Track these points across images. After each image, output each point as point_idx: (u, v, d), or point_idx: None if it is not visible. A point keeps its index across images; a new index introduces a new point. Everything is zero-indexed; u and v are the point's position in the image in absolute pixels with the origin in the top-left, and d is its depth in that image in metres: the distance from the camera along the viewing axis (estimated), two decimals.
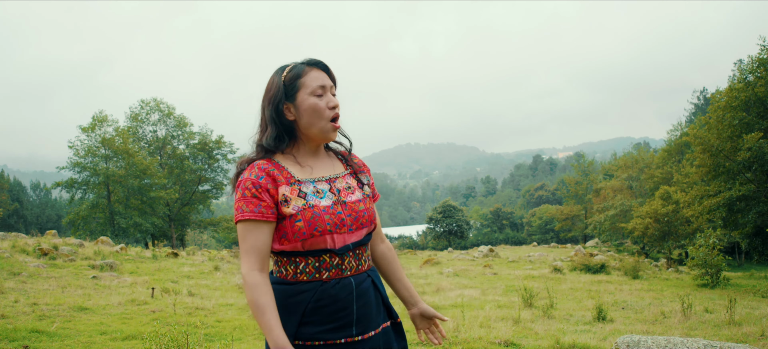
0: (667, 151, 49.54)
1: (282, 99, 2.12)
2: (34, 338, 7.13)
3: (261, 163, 2.10)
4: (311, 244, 2.03)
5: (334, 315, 2.05)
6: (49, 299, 10.39)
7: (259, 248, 2.02)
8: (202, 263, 20.95)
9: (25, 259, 15.93)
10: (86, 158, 39.09)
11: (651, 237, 36.13)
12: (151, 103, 45.44)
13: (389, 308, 2.25)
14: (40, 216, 63.72)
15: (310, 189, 2.09)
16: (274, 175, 2.07)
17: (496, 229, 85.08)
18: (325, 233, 2.03)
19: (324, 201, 2.08)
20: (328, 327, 2.05)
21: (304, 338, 2.04)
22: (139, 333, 7.63)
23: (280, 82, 2.14)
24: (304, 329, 2.04)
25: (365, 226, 2.15)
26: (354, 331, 2.07)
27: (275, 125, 2.14)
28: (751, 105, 24.45)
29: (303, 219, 2.02)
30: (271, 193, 2.04)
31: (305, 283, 2.06)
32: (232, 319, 9.02)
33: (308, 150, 2.19)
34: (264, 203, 2.02)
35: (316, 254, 2.06)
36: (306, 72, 2.13)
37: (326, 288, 2.05)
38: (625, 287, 16.26)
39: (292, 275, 2.08)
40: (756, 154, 22.72)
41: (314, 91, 2.10)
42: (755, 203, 24.48)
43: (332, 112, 2.12)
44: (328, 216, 2.05)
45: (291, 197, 2.05)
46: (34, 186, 74.46)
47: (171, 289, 12.86)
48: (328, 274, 2.07)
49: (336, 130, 2.14)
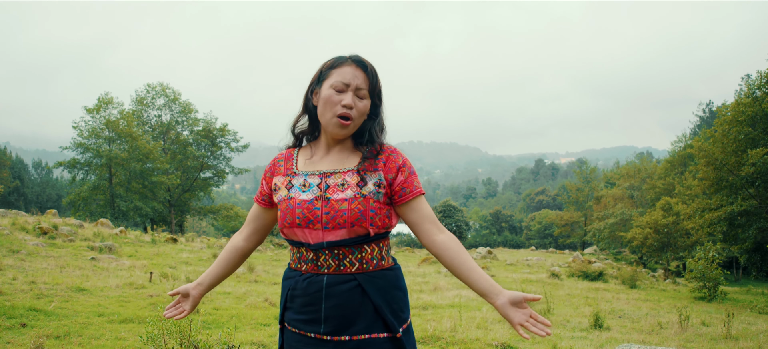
0: (670, 162, 49.50)
1: (314, 84, 2.18)
2: (32, 317, 7.14)
3: (283, 151, 2.30)
4: (288, 234, 2.12)
5: (304, 308, 2.09)
6: (48, 278, 10.40)
7: (248, 220, 2.37)
8: (201, 249, 20.95)
9: (25, 237, 15.95)
10: (90, 139, 39.07)
11: (650, 247, 36.07)
12: (157, 88, 45.43)
13: (385, 319, 2.07)
14: (40, 195, 63.73)
15: (299, 181, 2.13)
16: (277, 165, 2.26)
17: (494, 231, 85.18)
18: (294, 225, 2.07)
19: (305, 195, 2.08)
20: (301, 318, 2.10)
21: (287, 321, 2.17)
22: (136, 317, 7.64)
23: (320, 68, 2.18)
24: (287, 313, 2.17)
25: (344, 226, 2.03)
26: (322, 329, 2.04)
27: (304, 108, 2.24)
28: (758, 121, 24.41)
29: (281, 209, 2.13)
30: (267, 180, 2.27)
31: (291, 270, 2.19)
32: (229, 307, 9.02)
33: (326, 141, 2.20)
34: (261, 188, 2.28)
35: (297, 245, 2.13)
36: (342, 64, 2.12)
37: (300, 280, 2.11)
38: (622, 296, 16.24)
39: (289, 260, 2.22)
40: (760, 170, 22.69)
41: (335, 85, 2.08)
42: (756, 218, 24.46)
43: (342, 110, 2.07)
44: (300, 210, 2.05)
45: (280, 187, 2.18)
46: (36, 164, 74.52)
47: (169, 274, 12.87)
48: (305, 266, 2.11)
49: (342, 127, 2.09)
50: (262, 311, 8.85)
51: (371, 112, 2.18)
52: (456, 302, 12.17)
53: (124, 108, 41.18)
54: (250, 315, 8.30)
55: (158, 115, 46.26)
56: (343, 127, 2.09)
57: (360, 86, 2.10)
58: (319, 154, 2.19)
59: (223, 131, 45.51)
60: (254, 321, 7.88)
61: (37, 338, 5.56)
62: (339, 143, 2.19)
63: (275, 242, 32.74)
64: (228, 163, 47.56)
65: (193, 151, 44.91)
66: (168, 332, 3.69)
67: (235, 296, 10.65)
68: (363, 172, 2.10)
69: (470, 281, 2.06)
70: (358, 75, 2.10)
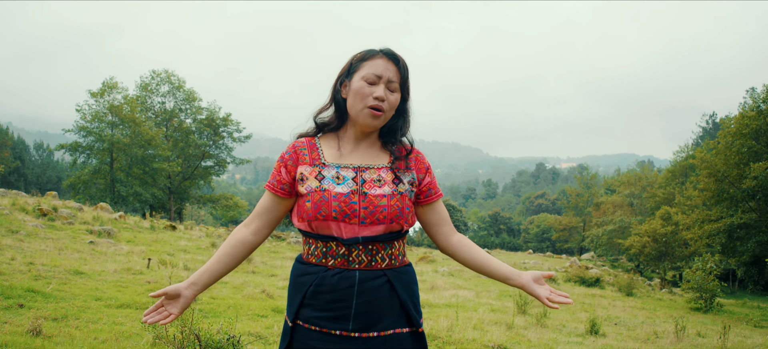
0: (671, 171, 49.52)
1: (344, 75, 2.16)
2: (30, 298, 7.14)
3: (301, 140, 2.20)
4: (317, 227, 2.05)
5: (331, 305, 2.03)
6: (46, 260, 10.41)
7: (257, 210, 2.19)
8: (200, 238, 20.97)
9: (24, 218, 15.96)
10: (93, 123, 39.03)
11: (647, 256, 36.09)
12: (162, 75, 45.37)
13: (409, 314, 2.12)
14: (40, 176, 63.73)
15: (331, 173, 2.08)
16: (301, 154, 2.14)
17: (492, 233, 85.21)
18: (330, 219, 2.01)
19: (340, 188, 2.05)
20: (325, 315, 2.03)
21: (303, 320, 2.07)
22: (133, 302, 7.64)
23: (350, 60, 2.17)
24: (304, 310, 2.07)
25: (383, 222, 2.05)
26: (351, 326, 2.02)
27: (330, 100, 2.21)
28: (761, 134, 24.42)
29: (312, 201, 2.03)
30: (289, 169, 2.12)
31: (312, 265, 2.09)
32: (226, 297, 9.03)
33: (354, 134, 2.18)
34: (279, 177, 2.13)
35: (324, 239, 2.05)
36: (373, 57, 2.12)
37: (327, 276, 2.04)
38: (618, 303, 16.26)
39: (305, 255, 2.12)
40: (762, 183, 22.71)
41: (367, 77, 2.08)
42: (756, 232, 24.48)
43: (374, 101, 2.08)
44: (337, 203, 2.02)
45: (308, 177, 2.08)
46: (38, 146, 74.50)
47: (168, 261, 12.88)
48: (333, 261, 2.04)
49: (374, 117, 2.09)
50: (260, 302, 8.86)
51: (399, 107, 2.19)
52: (453, 302, 12.18)
53: (128, 93, 41.14)
54: (248, 306, 8.30)
55: (162, 102, 46.24)
56: (374, 118, 2.09)
57: (392, 79, 2.11)
58: (347, 147, 2.17)
59: (226, 121, 45.45)
60: (252, 312, 7.89)
61: (35, 319, 5.56)
62: (367, 137, 2.19)
63: (273, 234, 32.73)
64: (229, 153, 47.49)
65: (195, 140, 44.83)
66: None
67: (232, 287, 10.66)
68: (397, 170, 2.15)
69: (491, 269, 2.21)
70: (389, 68, 2.11)
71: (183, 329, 3.60)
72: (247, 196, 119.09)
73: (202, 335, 3.69)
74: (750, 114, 24.73)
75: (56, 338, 5.41)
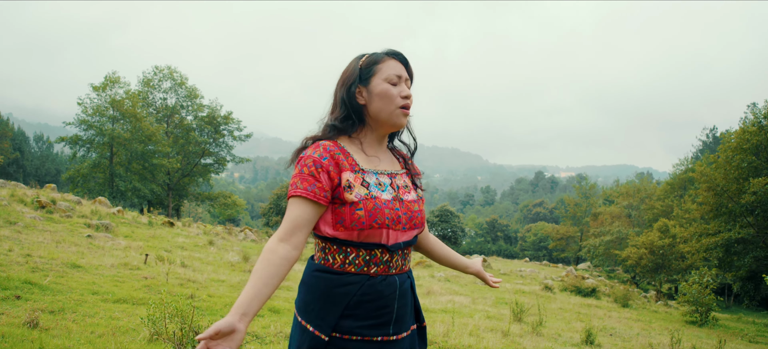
0: (670, 184, 49.52)
1: (356, 82, 2.14)
2: (27, 290, 7.15)
3: (327, 144, 2.07)
4: (366, 235, 2.00)
5: (376, 312, 2.03)
6: (43, 252, 10.41)
7: (296, 222, 1.98)
8: (197, 235, 20.97)
9: (23, 209, 15.96)
10: (94, 117, 39.01)
11: (644, 268, 36.07)
12: (165, 71, 45.31)
13: (419, 311, 2.24)
14: (39, 168, 63.66)
15: (373, 180, 2.08)
16: (339, 159, 2.04)
17: (489, 239, 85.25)
18: (383, 226, 2.00)
19: (385, 194, 2.06)
20: (369, 323, 2.02)
21: (343, 331, 2.00)
22: (130, 298, 7.64)
23: (356, 66, 2.16)
24: (344, 321, 2.01)
25: (417, 227, 2.14)
26: (391, 330, 2.06)
27: (344, 106, 2.15)
28: (762, 149, 24.46)
29: (364, 209, 1.99)
30: (331, 175, 2.01)
31: (352, 275, 2.02)
32: (223, 295, 9.03)
33: (374, 139, 2.19)
34: (319, 184, 1.99)
35: (369, 247, 2.02)
36: (384, 60, 2.14)
37: (374, 283, 2.03)
38: (613, 314, 16.26)
39: (339, 265, 2.04)
40: (761, 199, 22.73)
41: (389, 79, 2.11)
42: (753, 247, 24.49)
43: (403, 101, 2.12)
44: (388, 210, 2.03)
45: (355, 184, 2.02)
46: (37, 138, 74.38)
47: (165, 258, 12.88)
48: (376, 269, 2.04)
49: (406, 116, 2.13)
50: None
51: None
52: (449, 307, 12.18)
53: (130, 88, 41.13)
54: None
55: (164, 98, 46.19)
56: (405, 117, 2.14)
57: (408, 78, 2.18)
58: (372, 153, 2.17)
59: (227, 119, 45.40)
60: None
61: (32, 311, 5.56)
62: (383, 142, 2.23)
63: (270, 233, 32.73)
64: (229, 151, 47.42)
65: (195, 137, 44.77)
66: (170, 315, 3.69)
67: (229, 285, 10.66)
68: (412, 174, 2.26)
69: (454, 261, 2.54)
70: (401, 67, 2.16)
71: (182, 326, 3.60)
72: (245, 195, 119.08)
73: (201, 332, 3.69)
74: (751, 129, 24.76)
75: (53, 330, 5.41)
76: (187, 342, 3.57)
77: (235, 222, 63.25)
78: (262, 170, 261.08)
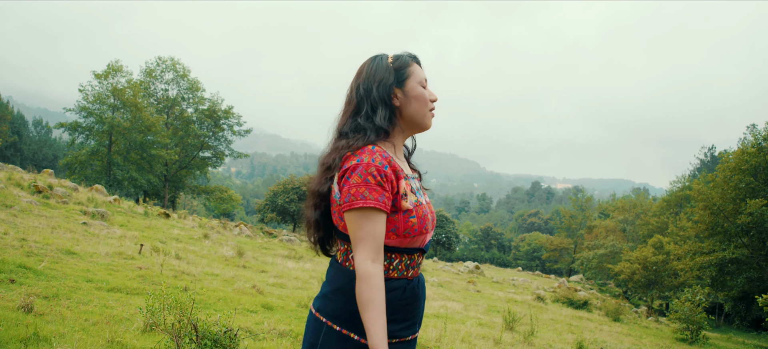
0: (666, 201, 49.61)
1: (393, 83, 2.12)
2: (21, 274, 7.15)
3: (379, 149, 2.02)
4: (411, 241, 2.01)
5: (412, 313, 2.08)
6: (38, 237, 10.41)
7: (376, 237, 1.92)
8: (193, 228, 20.95)
9: (19, 193, 15.95)
10: (94, 105, 38.96)
11: (636, 283, 36.10)
12: (168, 62, 45.24)
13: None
14: (37, 153, 63.54)
15: (416, 185, 2.11)
16: (396, 166, 2.01)
17: (483, 247, 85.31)
18: (427, 231, 2.04)
19: (424, 199, 2.10)
20: (406, 324, 2.06)
21: (390, 335, 2.01)
22: (124, 287, 7.65)
23: (388, 66, 2.13)
24: (390, 326, 2.01)
25: (434, 228, 2.16)
26: (417, 327, 2.13)
27: (385, 107, 2.10)
28: (760, 171, 24.53)
29: (417, 216, 2.00)
30: (393, 185, 1.98)
31: (395, 280, 2.02)
32: (216, 289, 9.03)
33: (400, 142, 2.19)
34: (387, 194, 1.95)
35: (410, 252, 2.04)
36: (411, 64, 2.16)
37: (412, 286, 2.07)
38: (605, 328, 16.29)
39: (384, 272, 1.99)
40: (757, 220, 22.79)
41: (421, 82, 2.15)
42: (746, 268, 24.55)
43: (433, 104, 2.18)
44: (431, 215, 2.08)
45: (408, 192, 2.01)
46: (37, 122, 74.28)
47: (160, 249, 12.88)
48: (412, 272, 2.08)
49: (432, 118, 2.19)
50: (250, 297, 8.87)
51: None
52: (442, 312, 12.20)
53: (132, 78, 41.07)
54: (238, 300, 8.31)
55: (165, 89, 46.12)
56: (432, 118, 2.20)
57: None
58: (400, 157, 2.18)
59: (227, 113, 45.34)
60: (241, 307, 7.90)
61: (26, 296, 5.57)
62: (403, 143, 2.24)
63: (265, 230, 32.73)
64: (228, 146, 47.39)
65: (195, 130, 44.73)
66: (168, 307, 3.70)
67: (223, 279, 10.66)
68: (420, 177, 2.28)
69: None
70: (424, 72, 2.20)
71: (181, 318, 3.62)
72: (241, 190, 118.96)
73: (199, 326, 3.71)
74: (750, 150, 24.83)
75: (47, 316, 5.42)
76: (184, 335, 3.58)
77: (230, 217, 63.20)
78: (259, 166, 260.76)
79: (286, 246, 24.44)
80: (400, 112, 2.14)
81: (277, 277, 12.88)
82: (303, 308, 8.80)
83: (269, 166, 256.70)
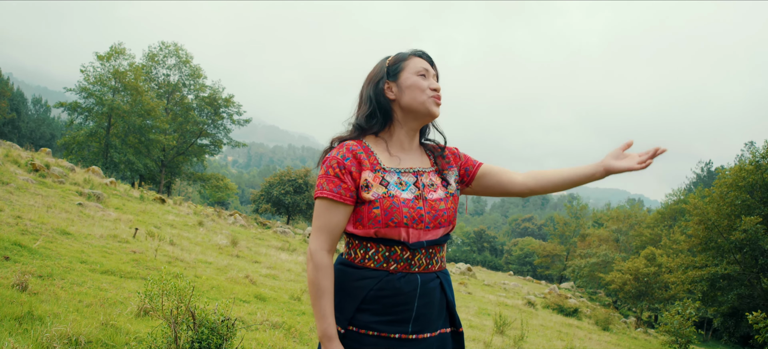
0: (661, 213, 49.74)
1: (384, 77, 2.17)
2: (16, 251, 7.15)
3: (351, 143, 2.11)
4: (385, 233, 2.02)
5: (394, 308, 2.04)
6: (34, 216, 10.40)
7: (331, 228, 2.04)
8: (187, 215, 20.95)
9: (16, 171, 15.93)
10: (95, 86, 38.94)
11: (627, 293, 36.17)
12: (171, 47, 45.27)
13: (453, 314, 2.22)
14: (34, 131, 63.39)
15: (394, 179, 2.09)
16: (361, 158, 2.07)
17: (475, 249, 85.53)
18: (401, 225, 2.01)
19: (405, 194, 2.07)
20: (385, 319, 2.04)
21: (358, 325, 2.05)
22: (118, 270, 7.65)
23: (383, 64, 2.19)
24: (360, 315, 2.05)
25: (443, 226, 2.12)
26: (410, 328, 2.05)
27: (370, 103, 2.17)
28: (757, 189, 24.60)
29: (381, 207, 2.01)
30: (354, 175, 2.05)
31: (371, 270, 2.05)
32: (210, 277, 9.04)
33: (402, 136, 2.19)
34: (344, 185, 2.03)
35: (388, 244, 2.04)
36: (410, 58, 2.18)
37: (392, 279, 2.04)
38: (594, 336, 16.34)
39: (359, 260, 2.08)
40: (751, 237, 22.87)
41: (418, 72, 2.14)
42: (738, 284, 24.65)
43: (433, 93, 2.14)
44: (407, 209, 2.03)
45: (372, 184, 2.05)
46: (36, 101, 74.01)
47: (155, 234, 12.88)
48: (395, 266, 2.05)
49: (437, 104, 2.15)
50: (243, 287, 8.88)
51: None
52: None
53: (134, 61, 41.07)
54: (231, 289, 8.32)
55: (167, 74, 46.13)
56: (437, 106, 2.16)
57: (435, 74, 2.20)
58: (398, 151, 2.18)
59: (228, 102, 45.38)
60: (234, 296, 7.90)
61: (21, 274, 5.58)
62: (413, 140, 2.22)
63: (259, 220, 32.74)
64: (227, 135, 47.42)
65: (194, 116, 44.74)
66: (167, 293, 3.72)
67: (216, 268, 10.67)
68: (441, 171, 2.23)
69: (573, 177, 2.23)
70: (427, 64, 2.18)
71: (179, 305, 3.64)
72: (237, 179, 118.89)
73: (197, 314, 3.73)
74: (748, 167, 24.89)
75: (42, 295, 5.43)
76: (182, 321, 3.60)
77: (225, 205, 63.17)
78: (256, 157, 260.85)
79: (280, 238, 24.46)
80: (398, 104, 2.16)
81: (270, 268, 12.90)
82: (295, 301, 8.81)
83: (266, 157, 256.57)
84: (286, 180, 42.27)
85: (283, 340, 6.03)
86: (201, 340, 3.64)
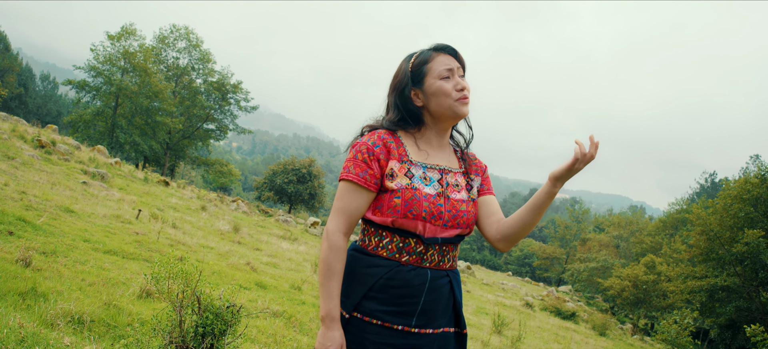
0: (662, 221, 49.59)
1: (408, 85, 2.17)
2: (20, 227, 7.19)
3: (382, 132, 2.14)
4: (402, 224, 2.04)
5: (401, 300, 2.05)
6: (38, 192, 10.45)
7: (351, 211, 2.08)
8: (191, 199, 21.00)
9: (22, 146, 15.98)
10: (104, 65, 38.91)
11: (625, 300, 36.14)
12: (181, 30, 45.19)
13: (459, 315, 2.21)
14: (41, 107, 63.37)
15: (419, 173, 2.11)
16: (390, 147, 2.11)
17: (475, 248, 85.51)
18: (419, 218, 2.03)
19: (428, 188, 2.09)
20: (391, 309, 2.05)
21: (363, 312, 2.07)
22: (121, 250, 7.69)
23: (407, 68, 2.19)
24: (366, 303, 2.07)
25: (460, 227, 2.13)
26: (414, 322, 2.06)
27: (397, 110, 2.19)
28: (761, 202, 24.53)
29: (402, 198, 2.04)
30: (381, 163, 2.08)
31: (383, 258, 2.08)
32: (211, 262, 9.07)
33: (433, 136, 2.21)
34: (371, 171, 2.07)
35: (404, 235, 2.06)
36: (433, 57, 2.17)
37: (402, 270, 2.05)
38: (590, 341, 16.37)
39: (373, 247, 2.10)
40: (752, 250, 22.82)
41: (440, 75, 2.13)
42: (737, 297, 24.60)
43: (459, 94, 2.13)
44: (427, 204, 2.05)
45: (398, 174, 2.07)
46: (44, 77, 73.95)
47: (158, 216, 12.92)
48: (407, 258, 2.07)
49: (465, 104, 2.14)
50: (244, 274, 8.90)
51: None
52: None
53: (145, 42, 41.04)
54: (232, 275, 8.35)
55: (176, 57, 46.06)
56: (465, 105, 2.15)
57: (460, 67, 2.18)
58: (427, 148, 2.20)
59: (236, 88, 45.34)
60: (235, 282, 7.94)
61: (25, 250, 5.61)
62: (443, 138, 2.23)
63: (261, 208, 32.76)
64: (233, 121, 47.41)
65: (202, 101, 44.73)
66: (173, 276, 3.74)
67: (217, 253, 10.70)
68: (468, 175, 2.25)
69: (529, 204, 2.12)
70: (451, 60, 2.16)
71: (185, 288, 3.66)
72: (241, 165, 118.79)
73: (203, 299, 3.75)
74: (753, 180, 24.79)
75: (45, 272, 5.46)
76: (187, 305, 3.62)
77: (227, 191, 63.20)
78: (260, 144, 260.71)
79: (282, 226, 24.50)
80: (427, 109, 2.18)
81: (271, 256, 12.93)
82: (295, 290, 8.84)
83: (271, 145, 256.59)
84: (290, 169, 42.25)
85: (283, 328, 6.06)
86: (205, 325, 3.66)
